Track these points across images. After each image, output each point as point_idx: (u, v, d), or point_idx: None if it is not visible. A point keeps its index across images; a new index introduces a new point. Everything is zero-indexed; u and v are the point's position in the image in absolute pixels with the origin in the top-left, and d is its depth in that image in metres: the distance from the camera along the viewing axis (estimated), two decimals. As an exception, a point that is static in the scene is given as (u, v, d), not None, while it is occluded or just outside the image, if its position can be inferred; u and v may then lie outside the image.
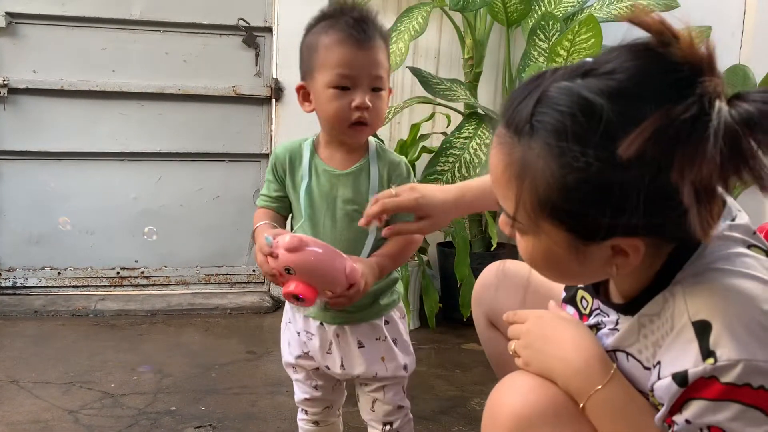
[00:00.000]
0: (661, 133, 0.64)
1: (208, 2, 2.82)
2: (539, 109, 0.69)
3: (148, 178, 2.86)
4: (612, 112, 0.66)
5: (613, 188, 0.67)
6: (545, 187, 0.70)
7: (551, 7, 2.71)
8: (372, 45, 1.13)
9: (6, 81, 2.66)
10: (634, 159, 0.64)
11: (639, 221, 0.69)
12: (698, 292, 0.73)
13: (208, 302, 2.79)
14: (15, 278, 2.77)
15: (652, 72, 0.67)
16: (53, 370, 2.06)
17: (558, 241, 0.74)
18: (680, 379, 0.72)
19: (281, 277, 1.08)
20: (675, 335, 0.74)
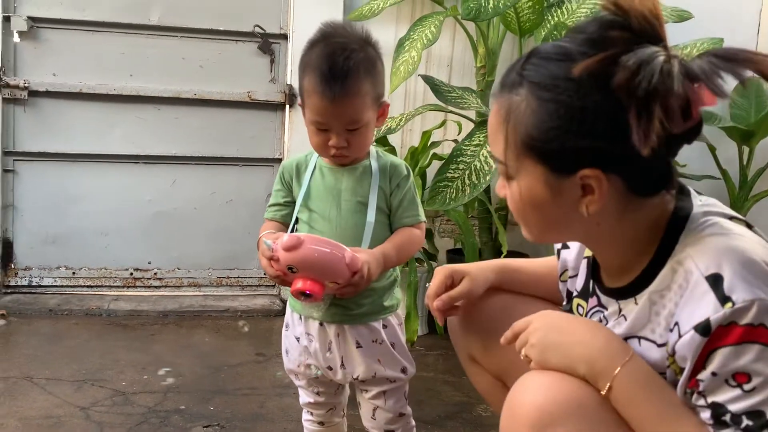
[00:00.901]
0: (606, 58, 0.78)
1: (224, 9, 2.87)
2: (528, 62, 0.85)
3: (163, 181, 2.90)
4: (578, 53, 0.81)
5: (576, 113, 0.80)
6: (526, 124, 0.83)
7: (564, 17, 2.73)
8: (344, 97, 1.17)
9: (27, 84, 2.71)
10: (589, 81, 0.79)
11: (598, 147, 0.81)
12: (702, 253, 0.81)
13: (219, 304, 2.83)
14: (31, 277, 2.82)
15: (609, 24, 0.81)
16: (66, 367, 2.10)
17: (537, 178, 0.85)
18: (702, 328, 0.77)
19: (286, 277, 1.11)
20: (690, 292, 0.80)
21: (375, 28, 2.83)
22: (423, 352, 2.45)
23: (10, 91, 2.70)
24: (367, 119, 1.21)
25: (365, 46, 1.23)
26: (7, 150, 2.74)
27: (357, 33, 1.24)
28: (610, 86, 0.78)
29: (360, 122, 1.20)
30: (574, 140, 0.82)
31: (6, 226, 2.78)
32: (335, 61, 1.17)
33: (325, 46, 1.20)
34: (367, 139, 1.25)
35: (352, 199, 1.27)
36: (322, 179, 1.30)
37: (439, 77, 2.92)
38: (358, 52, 1.19)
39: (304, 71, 1.22)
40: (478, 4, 2.31)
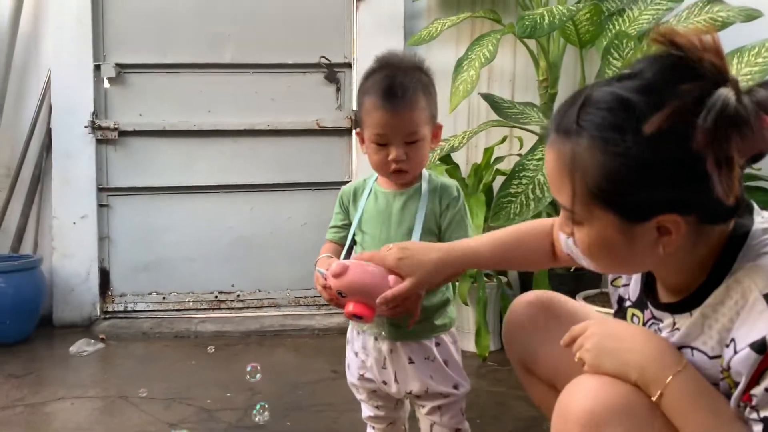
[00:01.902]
0: (677, 111, 0.76)
1: (292, 43, 3.02)
2: (584, 110, 0.82)
3: (242, 208, 3.07)
4: (642, 102, 0.79)
5: (649, 166, 0.79)
6: (593, 175, 0.81)
7: (626, 25, 2.70)
8: (403, 109, 1.26)
9: (117, 125, 2.96)
10: (661, 136, 0.77)
11: (675, 196, 0.80)
12: (760, 272, 0.81)
13: (297, 323, 2.95)
14: (126, 303, 3.04)
15: (672, 68, 0.80)
16: (157, 387, 2.26)
17: (609, 224, 0.84)
18: (758, 346, 0.78)
19: (339, 301, 1.19)
20: (747, 311, 0.81)
21: (436, 50, 2.97)
22: (495, 367, 2.47)
23: (102, 132, 2.95)
24: (423, 133, 1.29)
25: (419, 70, 1.32)
26: (101, 186, 2.99)
27: (411, 59, 1.34)
28: (683, 137, 0.76)
29: (418, 134, 1.28)
30: (648, 192, 0.81)
31: (103, 257, 3.02)
32: (395, 79, 1.27)
33: (383, 70, 1.31)
34: (424, 154, 1.32)
35: (401, 220, 1.34)
36: (376, 203, 1.38)
37: (501, 93, 2.96)
38: (414, 73, 1.30)
39: (364, 95, 1.32)
40: (534, 21, 2.34)
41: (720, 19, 2.59)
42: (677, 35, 0.80)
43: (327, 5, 3.03)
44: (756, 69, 2.19)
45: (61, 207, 2.94)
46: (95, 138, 2.95)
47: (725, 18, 2.58)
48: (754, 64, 2.21)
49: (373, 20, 2.97)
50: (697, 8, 2.66)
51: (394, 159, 1.28)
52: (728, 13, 2.60)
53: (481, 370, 2.43)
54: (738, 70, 2.23)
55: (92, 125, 2.93)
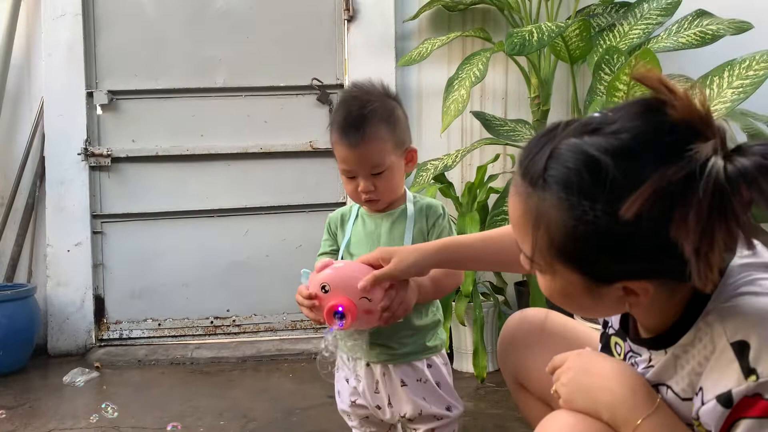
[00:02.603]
0: (658, 194, 0.69)
1: (284, 66, 3.03)
2: (551, 164, 0.75)
3: (236, 232, 3.06)
4: (616, 170, 0.71)
5: (620, 239, 0.72)
6: (558, 235, 0.76)
7: (616, 40, 2.70)
8: (363, 143, 1.26)
9: (109, 151, 2.96)
10: (636, 216, 0.69)
11: (644, 267, 0.75)
12: (732, 316, 0.75)
13: (294, 347, 2.92)
14: (121, 330, 3.02)
15: (651, 132, 0.72)
16: (150, 415, 2.22)
17: (572, 281, 0.80)
18: (725, 399, 0.73)
19: (320, 301, 1.17)
20: (715, 359, 0.76)
21: (427, 69, 2.97)
22: (493, 388, 2.43)
23: (95, 159, 2.95)
24: (389, 163, 1.28)
25: (383, 97, 1.32)
26: (95, 213, 2.98)
27: (375, 88, 1.33)
28: (659, 220, 0.70)
29: (382, 166, 1.28)
30: (614, 260, 0.75)
31: (97, 284, 3.00)
32: (350, 112, 1.28)
33: (343, 102, 1.32)
34: (393, 183, 1.32)
35: (390, 242, 1.33)
36: (363, 226, 1.37)
37: (494, 111, 2.96)
38: (373, 102, 1.29)
39: (330, 128, 1.33)
40: (522, 39, 2.34)
41: (710, 32, 2.59)
42: (664, 86, 0.71)
43: (318, 27, 3.04)
44: (747, 82, 2.18)
45: (55, 235, 2.93)
46: (88, 165, 2.94)
47: (715, 31, 2.58)
48: (745, 77, 2.20)
49: (364, 41, 2.97)
50: (687, 22, 2.66)
51: (362, 191, 1.29)
52: (718, 26, 2.60)
53: (479, 392, 2.39)
54: (729, 83, 2.22)
55: (85, 152, 2.93)
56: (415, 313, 1.32)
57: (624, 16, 2.76)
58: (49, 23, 2.91)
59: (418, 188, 2.57)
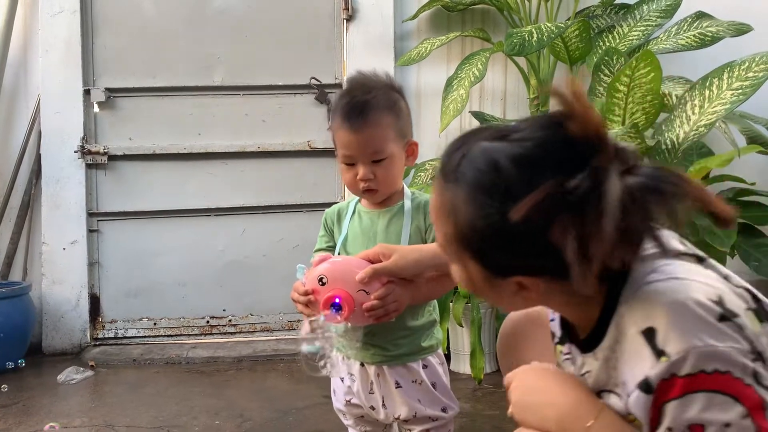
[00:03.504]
0: (545, 202, 0.75)
1: (282, 65, 3.02)
2: (463, 163, 0.83)
3: (234, 231, 3.04)
4: (514, 174, 0.78)
5: (510, 237, 0.79)
6: (463, 227, 0.82)
7: (615, 42, 2.70)
8: (364, 128, 1.24)
9: (106, 149, 2.94)
10: (524, 219, 0.75)
11: (531, 263, 0.80)
12: (637, 306, 0.80)
13: (290, 348, 2.90)
14: (116, 329, 3.00)
15: (551, 143, 0.78)
16: (145, 415, 2.21)
17: (474, 272, 0.86)
18: (645, 386, 0.76)
19: (316, 294, 1.17)
20: (629, 350, 0.79)
21: (426, 69, 2.96)
22: (491, 390, 2.42)
23: (92, 157, 2.93)
24: (390, 151, 1.27)
25: (386, 88, 1.30)
26: (91, 212, 2.97)
27: (380, 78, 1.32)
28: (544, 225, 0.75)
29: (383, 153, 1.26)
30: (506, 256, 0.81)
31: (93, 282, 2.99)
32: (354, 97, 1.27)
33: (348, 89, 1.31)
34: (393, 172, 1.30)
35: (387, 239, 1.32)
36: (360, 223, 1.36)
37: (493, 111, 2.95)
38: (378, 90, 1.28)
39: (332, 115, 1.31)
40: (522, 39, 2.33)
41: (709, 34, 2.59)
42: (571, 103, 0.76)
43: (317, 26, 3.03)
44: (746, 84, 2.18)
45: (51, 233, 2.91)
46: (85, 163, 2.93)
47: (715, 33, 2.58)
48: (745, 79, 2.19)
49: (363, 41, 2.96)
50: (686, 24, 2.66)
51: (361, 178, 1.27)
52: (718, 28, 2.60)
53: (477, 393, 2.38)
54: (729, 84, 2.22)
55: (82, 150, 2.91)
56: (410, 313, 1.31)
57: (623, 18, 2.76)
58: (47, 20, 2.90)
59: (416, 188, 2.56)
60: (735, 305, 0.77)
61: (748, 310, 0.79)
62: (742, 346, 0.74)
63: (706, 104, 2.25)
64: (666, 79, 2.52)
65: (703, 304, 0.76)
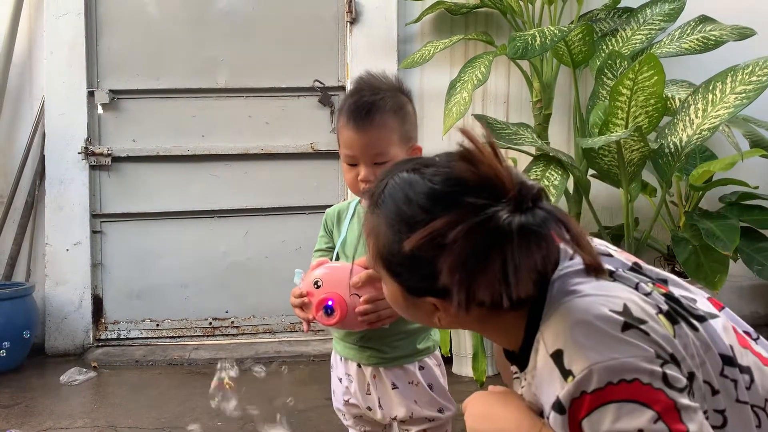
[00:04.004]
0: (432, 237, 0.79)
1: (286, 67, 3.02)
2: (384, 191, 0.89)
3: (236, 233, 3.05)
4: (419, 208, 0.84)
5: (414, 261, 0.84)
6: (381, 248, 0.88)
7: (618, 45, 2.70)
8: (368, 128, 1.24)
9: (110, 151, 2.95)
10: (417, 248, 0.81)
11: (439, 288, 0.82)
12: (550, 329, 0.82)
13: (293, 350, 2.91)
14: (119, 330, 3.01)
15: (455, 180, 0.82)
16: (147, 416, 2.21)
17: (394, 290, 0.91)
18: (558, 407, 0.78)
19: (310, 297, 1.18)
20: (542, 373, 0.82)
21: (429, 72, 2.96)
22: (493, 392, 2.42)
23: (95, 158, 2.94)
24: (393, 154, 1.26)
25: (394, 90, 1.30)
26: (95, 213, 2.97)
27: (389, 80, 1.32)
28: (434, 256, 0.79)
29: (386, 155, 1.25)
30: (416, 278, 0.86)
31: (96, 284, 2.99)
32: (361, 96, 1.26)
33: (356, 88, 1.30)
34: None
35: None
36: (359, 225, 1.35)
37: (496, 114, 2.95)
38: (385, 92, 1.27)
39: (338, 113, 1.31)
40: (525, 43, 2.33)
41: (713, 38, 2.59)
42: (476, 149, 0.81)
43: (320, 29, 3.04)
44: (750, 87, 2.18)
45: (54, 234, 2.92)
46: (89, 164, 2.93)
47: (718, 37, 2.58)
48: (748, 83, 2.19)
49: (366, 43, 2.97)
50: (690, 27, 2.66)
51: (362, 179, 1.26)
52: (721, 32, 2.60)
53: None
54: (732, 88, 2.22)
55: (86, 151, 2.92)
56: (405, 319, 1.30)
57: (627, 22, 2.76)
58: (52, 22, 2.91)
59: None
60: (643, 312, 0.79)
61: (659, 314, 0.81)
62: (647, 353, 0.76)
63: (710, 108, 2.25)
64: (669, 83, 2.52)
65: (605, 317, 0.78)
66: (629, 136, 2.14)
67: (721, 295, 1.84)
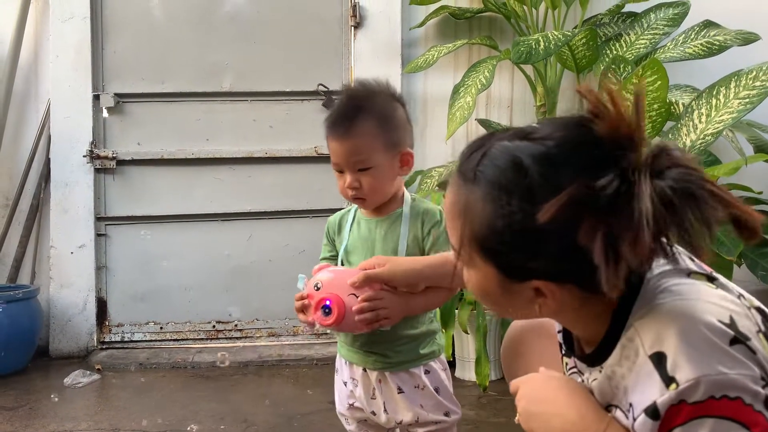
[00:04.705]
0: (573, 203, 0.72)
1: (290, 71, 3.03)
2: (483, 161, 0.81)
3: (240, 236, 3.06)
4: (536, 173, 0.76)
5: (532, 237, 0.77)
6: (480, 226, 0.80)
7: (623, 50, 2.70)
8: (350, 137, 1.25)
9: (115, 154, 2.96)
10: (551, 219, 0.73)
11: (553, 267, 0.78)
12: (647, 328, 0.77)
13: (296, 353, 2.91)
14: (123, 333, 3.02)
15: (576, 143, 0.76)
16: (151, 419, 2.22)
17: (489, 275, 0.83)
18: (652, 412, 0.74)
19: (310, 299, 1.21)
20: (637, 373, 0.78)
21: (433, 76, 2.97)
22: (496, 397, 2.42)
23: (100, 161, 2.96)
24: (376, 162, 1.26)
25: (383, 97, 1.30)
26: (99, 216, 2.98)
27: (378, 87, 1.32)
28: (571, 225, 0.73)
29: (367, 162, 1.26)
30: (526, 258, 0.79)
31: (100, 286, 3.00)
32: (341, 105, 1.29)
33: (341, 98, 1.34)
34: (381, 182, 1.29)
35: (385, 247, 1.32)
36: (359, 231, 1.36)
37: (499, 119, 2.96)
38: (370, 99, 1.29)
39: (324, 122, 1.32)
40: (529, 47, 2.34)
41: (717, 42, 2.59)
42: (601, 103, 0.74)
43: (324, 33, 3.05)
44: (754, 92, 2.18)
45: (59, 236, 2.93)
46: (93, 167, 2.95)
47: (722, 42, 2.58)
48: (752, 88, 2.19)
49: (370, 48, 2.98)
50: (693, 32, 2.66)
51: (347, 186, 1.27)
52: (725, 37, 2.60)
53: (482, 400, 2.38)
54: (736, 93, 2.22)
55: (91, 154, 2.93)
56: (407, 324, 1.31)
57: (631, 26, 2.76)
58: (58, 26, 2.92)
59: (422, 195, 2.57)
60: (747, 328, 0.76)
61: (758, 333, 0.77)
62: (753, 373, 0.72)
63: (713, 113, 2.25)
64: (673, 88, 2.52)
65: (714, 327, 0.74)
66: (633, 140, 2.13)
67: (724, 300, 1.84)
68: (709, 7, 2.75)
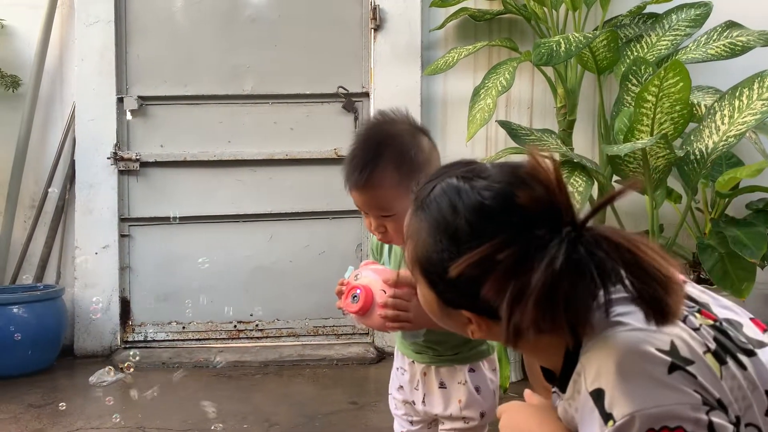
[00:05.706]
0: (481, 262, 0.76)
1: (310, 74, 3.06)
2: (431, 195, 0.85)
3: (261, 237, 3.09)
4: (465, 222, 0.80)
5: (451, 278, 0.80)
6: (421, 254, 0.85)
7: (644, 51, 2.69)
8: (368, 189, 1.19)
9: (138, 156, 3.01)
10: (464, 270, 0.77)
11: (479, 306, 0.81)
12: (590, 363, 0.78)
13: (316, 353, 2.93)
14: (146, 333, 3.06)
15: (508, 201, 0.78)
16: (175, 417, 2.25)
17: (429, 296, 0.88)
18: None
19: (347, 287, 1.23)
20: (582, 409, 0.79)
21: (453, 78, 2.98)
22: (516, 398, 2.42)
23: (124, 164, 3.00)
24: (399, 208, 1.19)
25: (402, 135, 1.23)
26: (123, 217, 3.03)
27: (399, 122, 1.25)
28: (480, 280, 0.76)
29: (390, 210, 1.20)
30: (454, 292, 0.83)
31: (124, 286, 3.05)
32: (356, 154, 1.21)
33: (358, 139, 1.25)
34: (400, 225, 1.15)
35: None
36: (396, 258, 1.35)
37: (520, 120, 2.96)
38: (385, 143, 1.21)
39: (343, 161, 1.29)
40: (550, 49, 2.34)
41: (740, 43, 2.57)
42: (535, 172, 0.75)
43: (344, 36, 3.07)
44: (777, 94, 2.16)
45: (84, 237, 2.98)
46: (117, 169, 2.99)
47: (745, 42, 2.56)
48: (776, 89, 2.17)
49: (390, 50, 3.00)
50: (716, 33, 2.65)
51: (373, 231, 1.25)
52: (748, 38, 2.58)
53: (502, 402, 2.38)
54: (759, 94, 2.20)
55: (115, 156, 2.98)
56: None
57: (652, 27, 2.75)
58: (82, 30, 2.97)
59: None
60: (690, 352, 0.76)
61: (706, 353, 0.77)
62: (693, 400, 0.72)
63: (736, 114, 2.24)
64: (695, 89, 2.51)
65: (651, 357, 0.74)
66: (654, 143, 2.13)
67: (747, 303, 1.83)
68: (732, 7, 2.73)
